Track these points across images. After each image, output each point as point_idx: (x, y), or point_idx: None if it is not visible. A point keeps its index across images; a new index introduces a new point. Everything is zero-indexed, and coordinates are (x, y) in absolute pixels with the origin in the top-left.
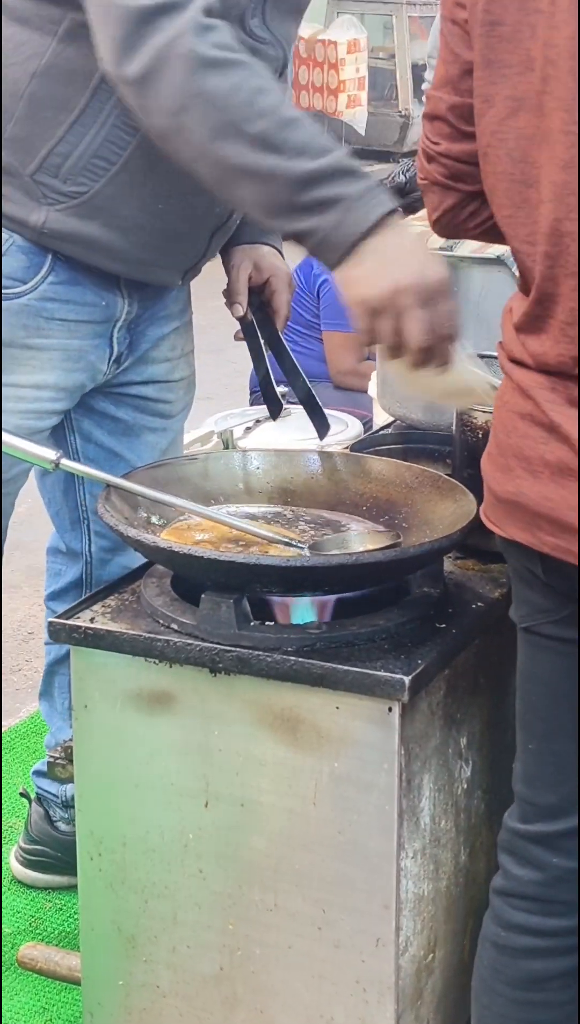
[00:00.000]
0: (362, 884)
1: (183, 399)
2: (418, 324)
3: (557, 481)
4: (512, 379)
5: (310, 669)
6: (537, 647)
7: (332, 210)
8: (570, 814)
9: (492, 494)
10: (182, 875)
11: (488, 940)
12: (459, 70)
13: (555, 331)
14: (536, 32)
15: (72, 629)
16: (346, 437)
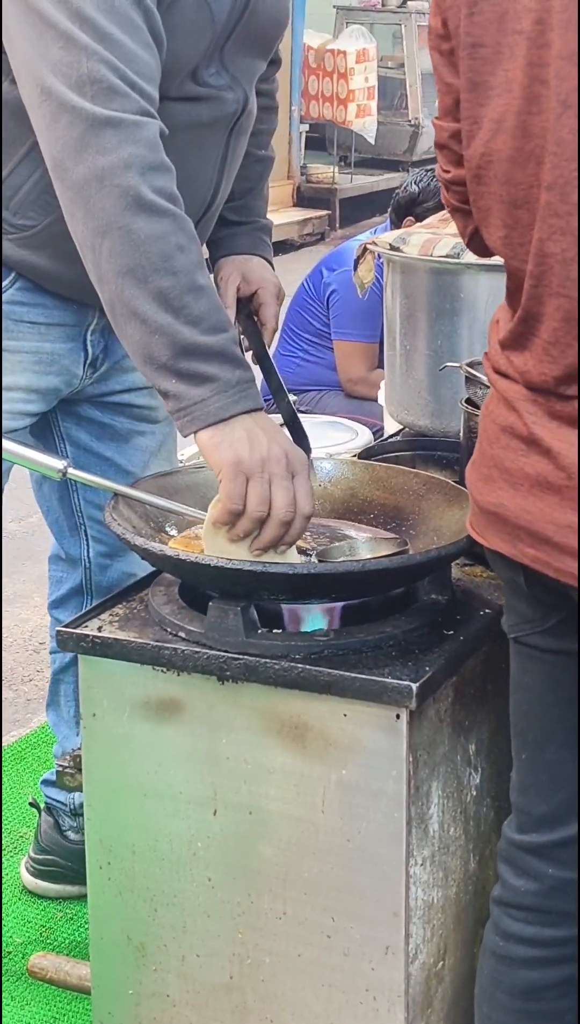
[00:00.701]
0: (371, 892)
1: None
2: (285, 493)
3: (536, 494)
4: (497, 390)
5: (318, 676)
6: (526, 657)
7: (202, 387)
8: (565, 824)
9: (476, 504)
10: (191, 883)
11: (488, 949)
12: (453, 99)
13: (538, 350)
14: (515, 53)
15: (80, 638)
16: (356, 445)
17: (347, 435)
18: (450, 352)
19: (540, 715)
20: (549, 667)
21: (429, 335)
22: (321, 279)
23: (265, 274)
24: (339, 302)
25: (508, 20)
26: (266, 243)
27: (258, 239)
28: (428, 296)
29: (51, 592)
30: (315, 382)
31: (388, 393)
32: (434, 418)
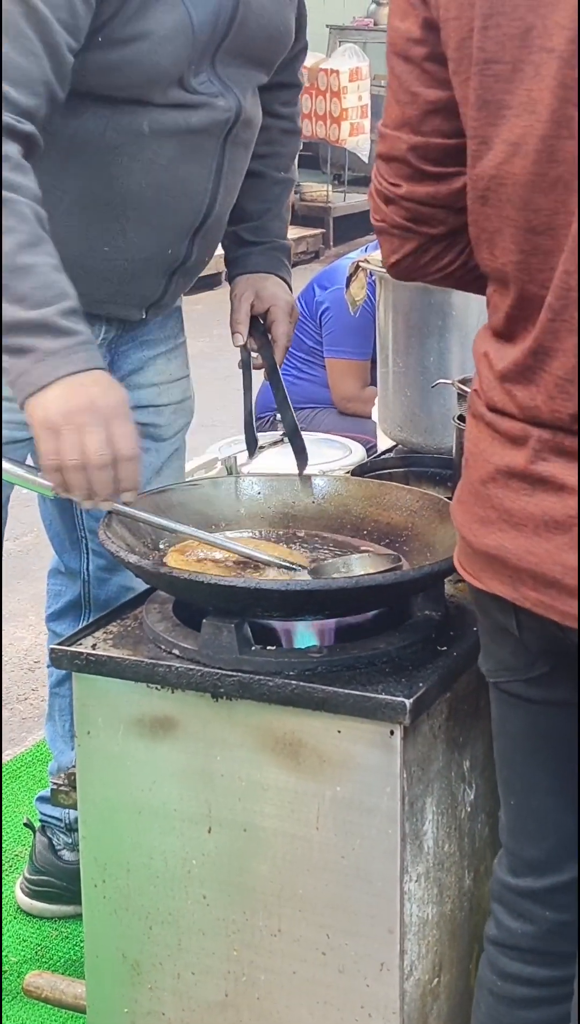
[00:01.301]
0: (366, 908)
1: (175, 422)
2: (94, 438)
3: (541, 535)
4: (494, 428)
5: (311, 693)
6: (507, 704)
7: (24, 358)
8: (559, 869)
9: (468, 545)
10: (186, 901)
11: (485, 987)
12: (419, 111)
13: (550, 386)
14: (542, 72)
15: (74, 655)
16: (349, 462)
17: (341, 452)
18: (442, 369)
19: (523, 764)
20: (532, 716)
21: (421, 352)
22: (314, 297)
23: (278, 292)
24: (331, 320)
25: (534, 36)
26: (282, 263)
27: (274, 258)
28: (420, 314)
29: (49, 605)
30: (308, 400)
31: (381, 410)
32: (427, 435)
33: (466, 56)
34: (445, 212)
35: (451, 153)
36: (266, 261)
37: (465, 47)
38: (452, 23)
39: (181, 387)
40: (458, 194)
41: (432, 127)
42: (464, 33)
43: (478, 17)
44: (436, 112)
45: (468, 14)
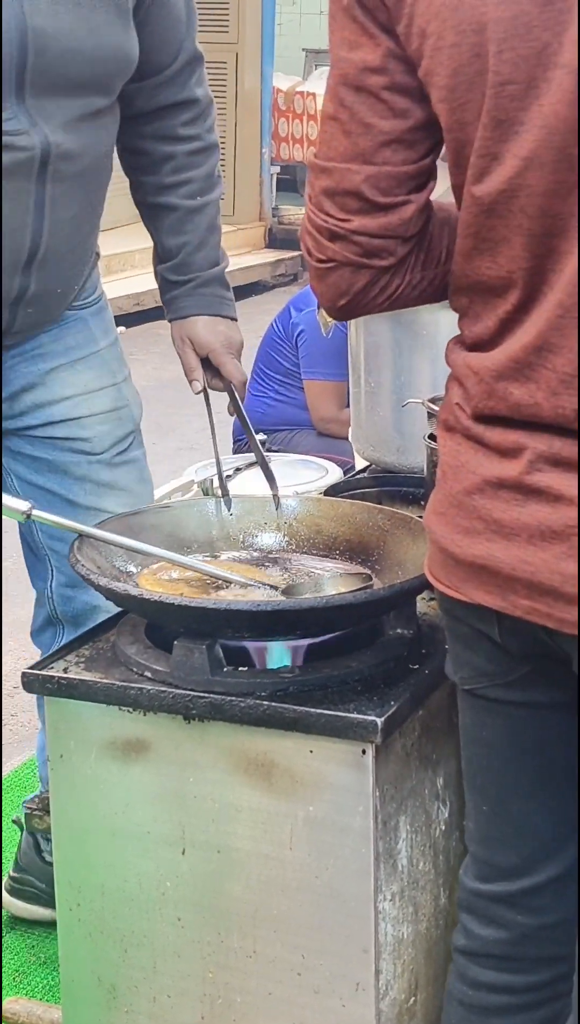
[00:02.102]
0: (340, 928)
1: (109, 433)
2: None
3: (536, 544)
4: (481, 441)
5: (283, 713)
6: (484, 710)
7: None
8: (533, 872)
9: (449, 556)
10: (161, 923)
11: (455, 999)
12: (373, 142)
13: (553, 382)
14: (553, 87)
15: (46, 679)
16: (325, 483)
17: (317, 473)
18: (413, 388)
19: (501, 769)
20: (511, 720)
21: (391, 372)
22: (289, 319)
23: (210, 336)
24: (308, 342)
25: (549, 54)
26: (210, 299)
27: (201, 298)
28: (390, 333)
29: (32, 623)
30: (287, 422)
31: (354, 430)
32: (399, 454)
33: (466, 80)
34: (394, 242)
35: (402, 181)
36: (194, 303)
37: (465, 72)
38: (447, 51)
39: (108, 396)
40: (407, 223)
41: (384, 158)
42: (465, 59)
43: (492, 42)
44: (389, 143)
45: (472, 40)
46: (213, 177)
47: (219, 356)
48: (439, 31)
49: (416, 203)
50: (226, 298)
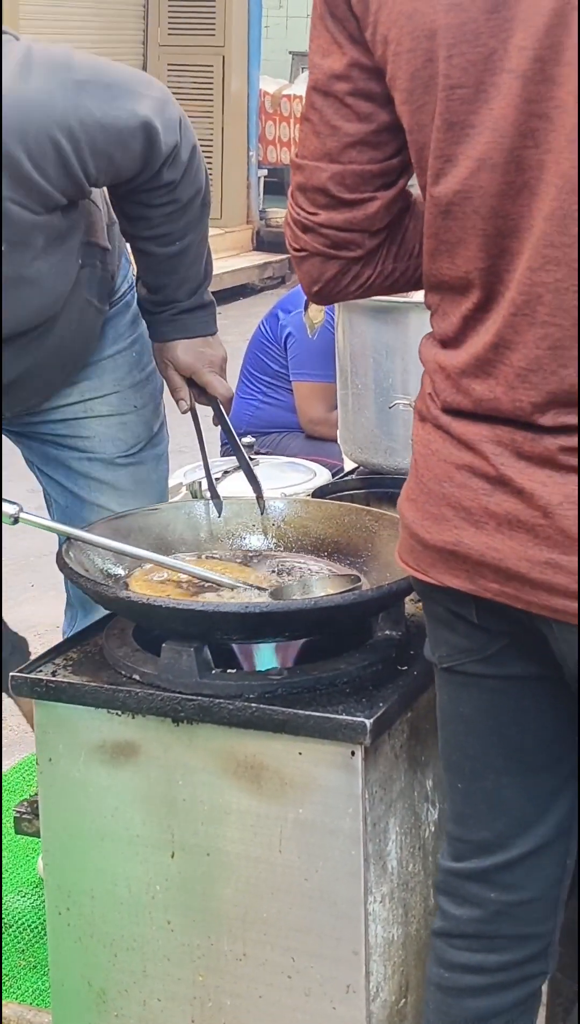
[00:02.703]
0: (330, 930)
1: (112, 436)
2: None
3: (504, 532)
4: (449, 431)
5: (272, 716)
6: (462, 685)
7: None
8: (506, 848)
9: (419, 541)
10: (150, 927)
11: (432, 983)
12: (338, 143)
13: (510, 377)
14: (502, 91)
15: (34, 683)
16: (313, 485)
17: (305, 476)
18: (400, 390)
19: (476, 745)
20: (488, 694)
21: (379, 373)
22: (277, 321)
23: (190, 359)
24: (296, 344)
25: (495, 60)
26: (190, 324)
27: (179, 323)
28: (377, 334)
29: None
30: (275, 424)
31: (342, 432)
32: (387, 455)
33: (421, 84)
34: (362, 235)
35: (367, 179)
36: (174, 329)
37: (420, 76)
38: (405, 56)
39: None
40: (372, 218)
41: (350, 158)
42: (419, 63)
43: (442, 47)
44: (354, 144)
45: (425, 45)
46: (194, 221)
47: (203, 376)
48: (398, 38)
49: (382, 199)
50: (207, 317)
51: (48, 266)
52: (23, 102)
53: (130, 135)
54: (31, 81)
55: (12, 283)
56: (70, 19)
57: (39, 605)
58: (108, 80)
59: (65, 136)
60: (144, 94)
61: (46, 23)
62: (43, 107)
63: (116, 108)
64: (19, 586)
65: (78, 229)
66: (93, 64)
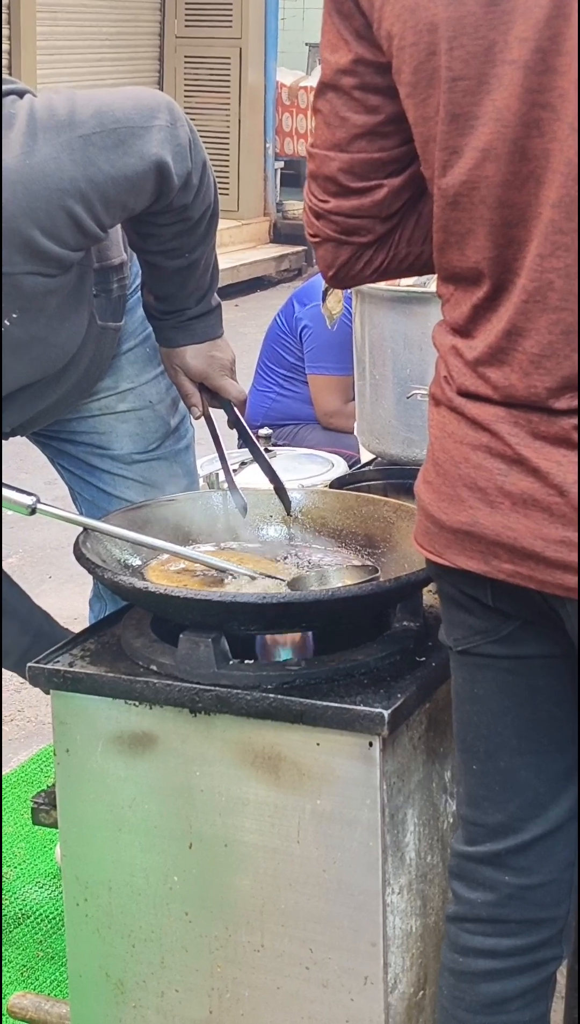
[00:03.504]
0: (348, 922)
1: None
2: None
3: (520, 511)
4: (464, 413)
5: (289, 706)
6: (476, 667)
7: None
8: (518, 831)
9: (435, 523)
10: (168, 918)
11: (446, 968)
12: (347, 134)
13: (523, 363)
14: (505, 82)
15: (51, 673)
16: (331, 476)
17: (322, 467)
18: (418, 380)
19: (491, 725)
20: (503, 674)
21: (397, 364)
22: (293, 314)
23: (200, 364)
24: (311, 336)
25: (496, 52)
26: (196, 329)
27: (186, 329)
28: (395, 325)
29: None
30: (292, 416)
31: (359, 423)
32: (405, 447)
33: (425, 77)
34: (371, 221)
35: (375, 167)
36: (182, 335)
37: (423, 69)
38: (408, 50)
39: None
40: (380, 204)
41: (358, 147)
42: (422, 57)
43: (443, 40)
44: (363, 135)
45: (427, 39)
46: (204, 235)
47: (214, 380)
48: (401, 32)
49: (389, 187)
50: (214, 321)
51: (60, 321)
52: (30, 179)
53: (143, 179)
54: (36, 152)
55: (26, 345)
56: (87, 12)
57: (57, 597)
58: (113, 124)
59: (77, 201)
60: (152, 126)
61: (63, 15)
62: (51, 177)
63: (126, 155)
64: (36, 578)
65: (88, 276)
66: (96, 109)
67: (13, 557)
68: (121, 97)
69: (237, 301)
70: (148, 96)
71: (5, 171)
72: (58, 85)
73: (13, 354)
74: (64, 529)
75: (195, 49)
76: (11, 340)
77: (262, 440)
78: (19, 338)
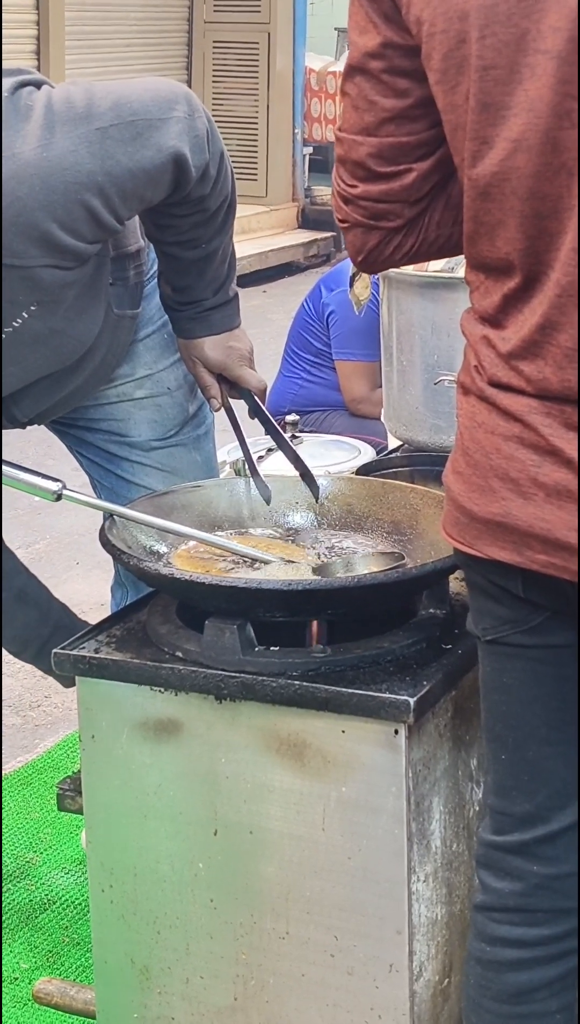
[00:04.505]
0: (374, 910)
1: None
2: None
3: (553, 502)
4: (496, 404)
5: (315, 693)
6: (505, 656)
7: None
8: (547, 820)
9: (465, 513)
10: (193, 905)
11: (473, 957)
12: (375, 118)
13: (558, 357)
14: (537, 72)
15: (77, 659)
16: (358, 463)
17: (350, 454)
18: (446, 367)
19: (520, 714)
20: (532, 664)
21: (424, 350)
22: (320, 299)
23: (220, 356)
24: (338, 322)
25: (529, 40)
26: (215, 319)
27: (203, 320)
28: (423, 311)
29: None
30: (319, 403)
31: (386, 409)
32: (432, 433)
33: (454, 65)
34: (400, 206)
35: (404, 152)
36: (200, 326)
37: (453, 57)
38: (439, 36)
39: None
40: (409, 189)
41: (387, 132)
42: (452, 44)
43: (474, 28)
44: (392, 119)
45: (458, 26)
46: (221, 225)
47: (234, 370)
48: (431, 18)
49: (418, 171)
50: (231, 312)
51: (78, 313)
52: (47, 172)
53: (160, 171)
54: (54, 145)
55: (44, 338)
56: None
57: (83, 583)
58: (131, 116)
59: (95, 195)
60: (169, 118)
61: (91, 2)
62: (68, 171)
63: (144, 147)
64: (63, 564)
65: (105, 267)
66: (114, 101)
67: (40, 543)
68: (139, 89)
69: (265, 287)
70: (166, 87)
71: (23, 164)
72: (86, 72)
73: (31, 346)
74: (91, 515)
75: (224, 34)
76: (30, 332)
77: (289, 426)
78: (37, 331)
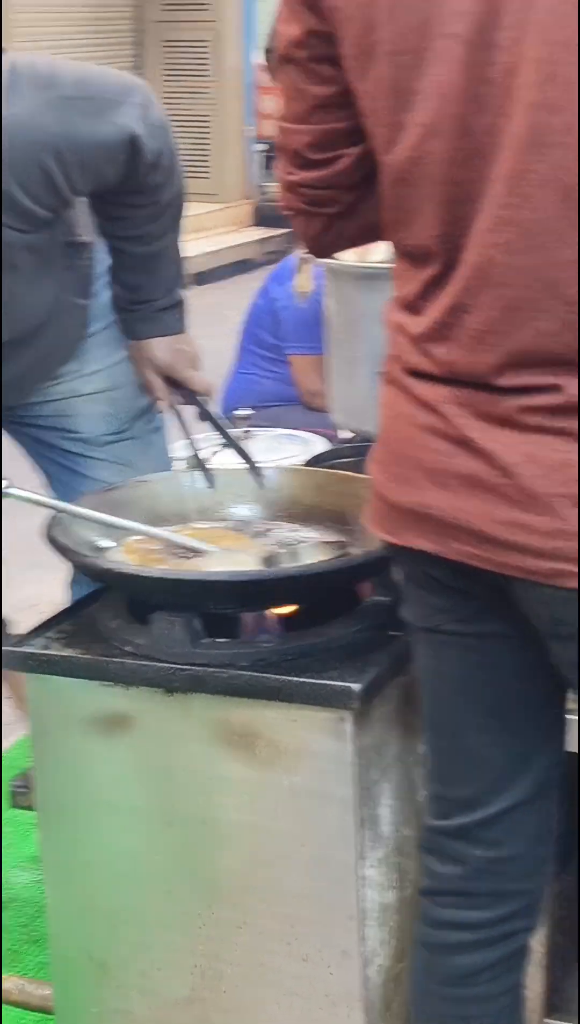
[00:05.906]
0: (326, 896)
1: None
2: None
3: (470, 492)
4: (412, 393)
5: (265, 683)
6: (440, 645)
7: None
8: (486, 804)
9: (385, 503)
10: (149, 898)
11: (419, 941)
12: (306, 106)
13: (467, 339)
14: (446, 57)
15: (26, 656)
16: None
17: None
18: None
19: (457, 702)
20: (466, 652)
21: (369, 341)
22: (269, 294)
23: (169, 357)
24: (290, 316)
25: (432, 26)
26: (165, 320)
27: (156, 321)
28: (366, 302)
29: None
30: (275, 397)
31: (333, 400)
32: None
33: (365, 51)
34: (337, 192)
35: (336, 138)
36: (151, 327)
37: (363, 43)
38: (349, 23)
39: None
40: (342, 175)
41: (318, 119)
42: (361, 30)
43: (382, 13)
44: (320, 107)
45: (366, 12)
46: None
47: (182, 372)
48: (343, 5)
49: (351, 156)
50: (180, 315)
51: (29, 284)
52: (9, 128)
53: (117, 148)
54: (17, 103)
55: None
56: None
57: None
58: (93, 92)
59: (53, 158)
60: (127, 102)
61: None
62: (31, 130)
63: (102, 122)
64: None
65: (57, 247)
66: (78, 76)
67: None
68: (99, 72)
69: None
70: (126, 76)
71: None
72: None
73: None
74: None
75: (172, 33)
76: None
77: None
78: None
